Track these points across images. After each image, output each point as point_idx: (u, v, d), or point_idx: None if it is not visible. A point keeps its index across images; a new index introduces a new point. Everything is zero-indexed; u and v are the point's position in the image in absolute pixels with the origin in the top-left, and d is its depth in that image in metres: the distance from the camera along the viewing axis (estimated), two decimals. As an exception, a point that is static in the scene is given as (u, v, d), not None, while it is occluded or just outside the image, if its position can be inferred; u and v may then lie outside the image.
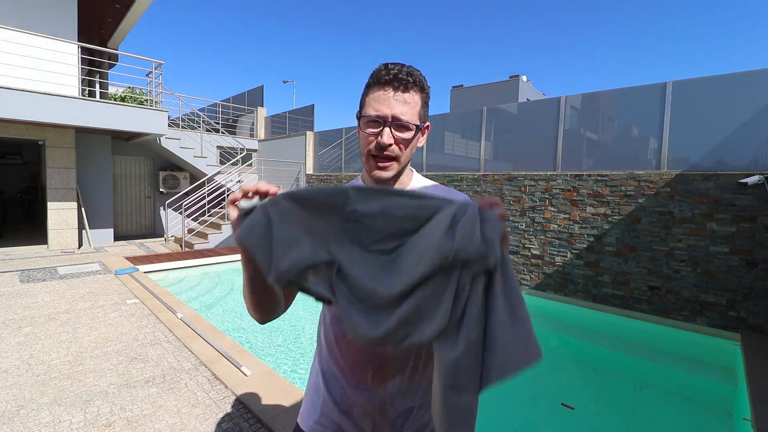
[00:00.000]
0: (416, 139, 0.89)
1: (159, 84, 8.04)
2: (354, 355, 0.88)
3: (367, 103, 0.86)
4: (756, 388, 2.90)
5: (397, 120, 0.83)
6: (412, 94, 0.85)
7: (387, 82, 0.83)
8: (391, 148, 0.84)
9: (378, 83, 0.84)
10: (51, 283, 5.07)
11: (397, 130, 0.84)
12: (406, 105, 0.84)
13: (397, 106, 0.83)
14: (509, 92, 21.79)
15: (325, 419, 0.92)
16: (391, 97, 0.83)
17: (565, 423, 3.02)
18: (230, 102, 15.18)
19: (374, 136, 0.84)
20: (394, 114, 0.83)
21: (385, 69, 0.84)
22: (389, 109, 0.83)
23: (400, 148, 0.86)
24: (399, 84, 0.83)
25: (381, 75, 0.84)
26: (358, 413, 0.89)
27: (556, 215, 5.63)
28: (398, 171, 0.88)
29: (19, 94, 6.04)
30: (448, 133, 7.63)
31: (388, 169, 0.87)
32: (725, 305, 4.30)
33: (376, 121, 0.84)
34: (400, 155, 0.86)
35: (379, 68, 0.85)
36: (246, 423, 2.23)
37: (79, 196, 7.89)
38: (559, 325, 5.19)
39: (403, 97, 0.84)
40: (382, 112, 0.83)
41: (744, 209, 4.19)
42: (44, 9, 6.97)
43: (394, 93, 0.83)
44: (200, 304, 5.09)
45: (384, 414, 0.88)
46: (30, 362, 2.90)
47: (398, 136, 0.84)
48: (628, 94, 5.39)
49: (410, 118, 0.84)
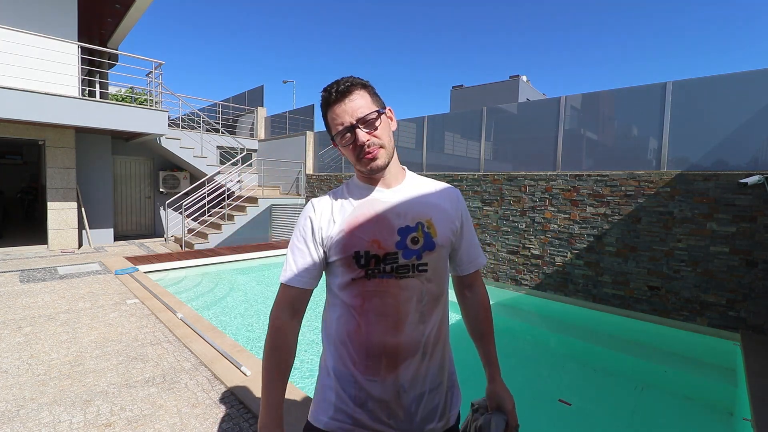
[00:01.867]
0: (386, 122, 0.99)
1: (159, 84, 8.04)
2: (366, 348, 0.92)
3: (331, 124, 0.97)
4: (756, 388, 2.90)
5: (360, 119, 0.94)
6: (357, 93, 0.96)
7: (334, 100, 0.95)
8: (370, 141, 0.95)
9: (329, 105, 0.97)
10: (51, 283, 5.07)
11: (365, 126, 0.95)
12: (358, 104, 0.95)
13: (351, 110, 0.94)
14: (509, 92, 21.80)
15: (340, 414, 0.94)
16: (344, 107, 0.95)
17: (565, 423, 3.02)
18: (230, 102, 15.17)
19: (352, 143, 0.95)
20: (355, 117, 0.94)
21: (327, 92, 0.97)
22: (349, 116, 0.94)
23: (377, 137, 0.96)
24: (343, 95, 0.95)
25: (327, 98, 0.97)
26: (373, 404, 0.92)
27: (556, 215, 5.63)
28: (388, 157, 0.98)
29: (19, 94, 6.04)
30: (448, 133, 7.63)
31: (378, 156, 0.96)
32: (725, 305, 4.30)
33: (346, 132, 0.95)
34: (382, 142, 0.96)
35: (323, 95, 0.98)
36: (246, 423, 2.23)
37: (79, 196, 7.89)
38: (559, 325, 5.19)
39: (352, 100, 0.95)
40: (345, 121, 0.94)
41: (744, 209, 4.19)
42: (44, 9, 6.97)
43: (344, 102, 0.95)
44: (200, 304, 5.09)
45: (398, 401, 0.92)
46: (30, 362, 2.90)
47: (369, 129, 0.95)
48: (628, 94, 5.39)
49: (368, 110, 0.95)
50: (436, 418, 0.97)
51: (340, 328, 0.96)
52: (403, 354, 0.92)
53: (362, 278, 0.93)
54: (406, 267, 0.93)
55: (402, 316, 0.92)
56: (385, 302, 0.92)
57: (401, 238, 0.94)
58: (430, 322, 0.96)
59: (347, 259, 0.94)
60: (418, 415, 0.94)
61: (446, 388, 1.01)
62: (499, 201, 6.28)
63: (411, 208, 0.98)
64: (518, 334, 5.07)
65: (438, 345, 0.98)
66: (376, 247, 0.93)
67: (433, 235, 0.96)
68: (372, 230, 0.95)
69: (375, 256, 0.93)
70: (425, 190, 1.04)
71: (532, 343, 4.81)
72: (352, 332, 0.94)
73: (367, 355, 0.92)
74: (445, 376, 1.01)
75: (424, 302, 0.95)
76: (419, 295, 0.94)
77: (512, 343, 4.84)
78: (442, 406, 0.99)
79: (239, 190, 9.88)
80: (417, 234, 0.95)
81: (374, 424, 0.92)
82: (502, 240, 6.21)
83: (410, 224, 0.96)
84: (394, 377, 0.92)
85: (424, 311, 0.95)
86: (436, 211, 1.00)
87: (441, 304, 1.00)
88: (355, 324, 0.94)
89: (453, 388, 1.04)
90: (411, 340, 0.93)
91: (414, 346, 0.93)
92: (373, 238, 0.94)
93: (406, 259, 0.93)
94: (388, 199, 0.99)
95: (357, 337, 0.93)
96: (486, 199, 6.44)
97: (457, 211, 1.05)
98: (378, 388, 0.92)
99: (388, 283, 0.93)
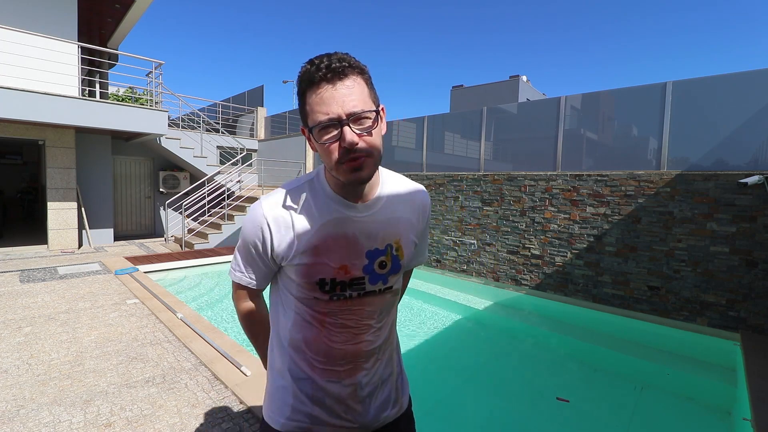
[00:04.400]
0: (380, 125, 0.79)
1: (159, 84, 8.04)
2: (326, 354, 0.91)
3: (311, 109, 0.74)
4: (756, 388, 2.90)
5: (352, 115, 0.73)
6: (353, 80, 0.74)
7: (322, 78, 0.72)
8: (358, 146, 0.74)
9: (312, 84, 0.73)
10: (51, 283, 5.07)
11: (356, 124, 0.74)
12: (353, 93, 0.73)
13: (345, 99, 0.72)
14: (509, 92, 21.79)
15: (297, 414, 0.93)
16: (334, 92, 0.72)
17: (565, 423, 3.02)
18: (230, 102, 15.18)
19: (335, 141, 0.74)
20: (346, 110, 0.72)
21: (314, 66, 0.73)
22: (339, 107, 0.72)
23: (367, 143, 0.75)
24: (335, 75, 0.72)
25: (313, 74, 0.73)
26: (331, 401, 0.92)
27: (556, 215, 5.63)
28: (374, 170, 0.79)
29: (19, 94, 6.04)
30: (448, 133, 7.62)
31: (364, 166, 0.76)
32: (725, 305, 4.30)
33: (331, 125, 0.73)
34: (372, 150, 0.76)
35: (306, 68, 0.74)
36: (246, 423, 2.23)
37: (79, 196, 7.89)
38: (559, 325, 5.19)
39: (346, 86, 0.73)
40: (333, 112, 0.72)
41: (744, 209, 4.19)
42: (44, 9, 6.96)
43: (335, 87, 0.72)
44: (200, 304, 5.09)
45: (355, 397, 0.94)
46: (30, 362, 2.90)
47: (360, 130, 0.74)
48: (628, 94, 5.39)
49: (364, 105, 0.74)
50: (390, 405, 1.00)
51: (296, 335, 0.90)
52: (362, 358, 0.93)
53: (325, 300, 0.87)
54: (372, 291, 0.90)
55: (363, 328, 0.92)
56: (348, 318, 0.89)
57: (369, 261, 0.87)
58: (387, 326, 0.98)
59: (310, 284, 0.85)
60: (373, 407, 0.96)
61: (395, 375, 1.03)
62: (499, 201, 6.28)
63: (382, 228, 0.88)
64: (518, 334, 5.07)
65: (388, 341, 0.99)
66: (343, 273, 0.85)
67: (400, 258, 0.91)
68: (340, 256, 0.84)
69: (341, 283, 0.85)
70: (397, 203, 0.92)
71: (532, 343, 4.80)
72: (310, 340, 0.89)
73: (326, 361, 0.90)
74: (394, 365, 1.03)
75: (384, 312, 0.96)
76: (381, 307, 0.94)
77: (512, 342, 4.84)
78: (394, 394, 1.01)
79: (239, 190, 9.88)
80: (385, 258, 0.88)
81: (332, 420, 0.92)
82: (502, 240, 6.21)
83: (379, 247, 0.87)
84: (353, 379, 0.93)
85: (382, 319, 0.96)
86: (404, 228, 0.92)
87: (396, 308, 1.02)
88: (315, 332, 0.89)
89: (401, 374, 1.06)
90: (370, 346, 0.93)
91: (372, 350, 0.94)
92: (341, 264, 0.84)
93: (372, 284, 0.89)
94: (360, 218, 0.85)
95: (316, 344, 0.89)
96: (486, 199, 6.44)
97: (422, 222, 0.98)
98: (336, 387, 0.92)
99: (352, 302, 0.88)
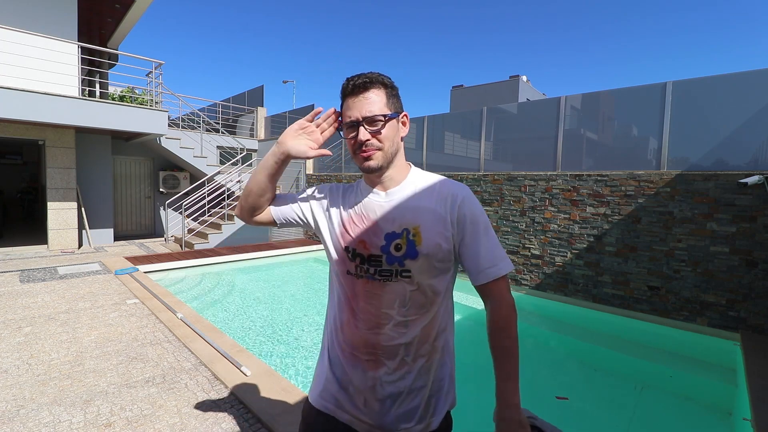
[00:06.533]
0: (394, 127, 1.00)
1: (159, 84, 8.04)
2: (351, 340, 1.00)
3: (343, 114, 1.02)
4: (756, 388, 2.90)
5: (366, 117, 0.96)
6: (373, 91, 0.98)
7: (351, 92, 0.98)
8: (369, 142, 0.97)
9: (345, 96, 1.00)
10: (51, 283, 5.07)
11: (369, 125, 0.96)
12: (370, 102, 0.96)
13: (362, 106, 0.96)
14: (509, 92, 21.79)
15: (326, 393, 1.04)
16: (356, 102, 0.97)
17: (565, 423, 3.02)
18: (230, 102, 15.17)
19: (353, 138, 0.98)
20: (362, 114, 0.96)
21: (347, 82, 1.00)
22: (357, 112, 0.96)
23: (379, 140, 0.97)
24: (358, 89, 0.97)
25: (345, 89, 1.00)
26: (353, 390, 1.00)
27: (556, 215, 5.63)
28: (384, 161, 0.99)
29: (19, 94, 6.03)
30: (448, 133, 7.63)
31: (372, 157, 0.98)
32: (725, 305, 4.30)
33: (351, 126, 0.98)
34: (382, 146, 0.97)
35: (344, 84, 1.01)
36: (246, 423, 2.23)
37: (79, 196, 7.89)
38: (559, 325, 5.19)
39: (365, 97, 0.97)
40: (353, 116, 0.97)
41: (744, 209, 4.19)
42: (44, 9, 6.97)
43: (357, 97, 0.97)
44: (200, 304, 5.09)
45: (374, 393, 0.98)
46: (30, 362, 2.90)
47: (372, 129, 0.96)
48: (628, 94, 5.39)
49: (378, 111, 0.97)
50: (414, 419, 0.98)
51: (336, 315, 1.05)
52: (381, 352, 0.97)
53: (353, 275, 1.00)
54: (389, 271, 0.96)
55: (383, 318, 0.97)
56: (371, 302, 0.98)
57: (386, 242, 0.98)
58: (415, 327, 0.97)
59: (340, 251, 1.03)
60: (394, 412, 0.97)
61: (430, 392, 1.00)
62: (499, 201, 6.28)
63: (401, 215, 0.99)
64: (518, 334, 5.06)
65: (422, 349, 0.98)
66: (362, 246, 0.99)
67: (417, 243, 0.95)
68: (360, 231, 1.01)
69: (361, 255, 0.99)
70: (422, 194, 1.01)
71: (532, 343, 4.80)
72: (344, 322, 1.02)
73: (351, 346, 1.00)
74: (430, 381, 1.00)
75: (408, 307, 0.96)
76: (402, 299, 0.96)
77: (512, 343, 4.83)
78: (422, 410, 0.99)
79: (239, 190, 9.88)
80: (401, 241, 0.96)
81: (352, 409, 1.00)
82: (502, 240, 6.21)
83: (396, 230, 0.98)
84: (374, 371, 0.97)
85: (408, 315, 0.96)
86: (426, 218, 0.97)
87: (431, 312, 0.98)
88: (346, 316, 1.02)
89: (439, 394, 1.02)
90: (391, 341, 0.96)
91: (394, 347, 0.96)
92: (361, 238, 1.00)
93: (389, 264, 0.97)
94: (382, 203, 1.02)
95: (347, 327, 1.01)
96: (486, 199, 6.44)
97: (453, 215, 0.98)
98: (359, 376, 0.99)
99: (374, 285, 0.98)
